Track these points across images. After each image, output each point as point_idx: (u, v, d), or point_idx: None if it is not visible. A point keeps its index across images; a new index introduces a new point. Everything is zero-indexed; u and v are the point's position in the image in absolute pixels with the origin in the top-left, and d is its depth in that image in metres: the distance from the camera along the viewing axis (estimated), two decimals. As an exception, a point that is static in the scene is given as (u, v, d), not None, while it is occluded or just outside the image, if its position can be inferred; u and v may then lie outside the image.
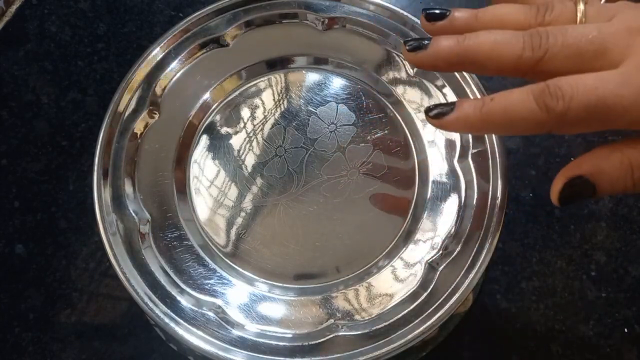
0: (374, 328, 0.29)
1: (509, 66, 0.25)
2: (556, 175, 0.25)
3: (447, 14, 0.28)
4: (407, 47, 0.27)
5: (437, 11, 0.28)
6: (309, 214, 0.32)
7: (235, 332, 0.29)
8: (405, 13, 0.36)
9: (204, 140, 0.34)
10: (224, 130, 0.34)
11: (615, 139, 0.24)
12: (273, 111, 0.35)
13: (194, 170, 0.34)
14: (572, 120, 0.23)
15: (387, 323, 0.29)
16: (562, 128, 0.24)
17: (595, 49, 0.24)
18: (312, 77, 0.36)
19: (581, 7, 0.26)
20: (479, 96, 0.33)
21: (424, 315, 0.29)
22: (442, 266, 0.30)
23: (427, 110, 0.26)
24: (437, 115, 0.26)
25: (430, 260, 0.31)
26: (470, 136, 0.33)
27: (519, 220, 0.40)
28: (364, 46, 0.36)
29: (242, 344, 0.29)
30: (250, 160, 0.34)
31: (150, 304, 0.29)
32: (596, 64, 0.24)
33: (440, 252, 0.31)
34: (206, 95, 0.35)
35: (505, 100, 0.24)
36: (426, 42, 0.26)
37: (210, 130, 0.34)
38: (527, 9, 0.27)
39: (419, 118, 0.34)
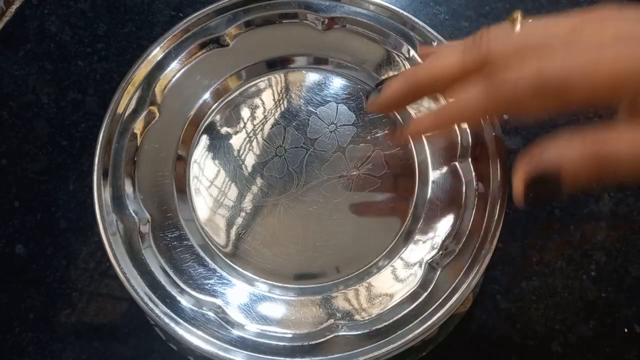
0: (374, 328, 0.29)
1: (456, 72, 0.26)
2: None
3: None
4: (369, 99, 0.30)
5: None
6: (309, 214, 0.32)
7: (235, 332, 0.29)
8: (405, 13, 0.36)
9: (204, 140, 0.34)
10: (224, 130, 0.34)
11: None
12: (273, 111, 0.35)
13: (194, 170, 0.34)
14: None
15: (387, 323, 0.29)
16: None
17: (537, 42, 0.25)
18: (312, 77, 0.36)
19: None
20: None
21: (424, 315, 0.29)
22: (442, 266, 0.30)
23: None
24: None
25: (430, 260, 0.31)
26: (469, 137, 0.33)
27: (519, 220, 0.40)
28: (364, 46, 0.36)
29: (242, 344, 0.29)
30: (250, 160, 0.34)
31: (150, 304, 0.29)
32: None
33: (440, 252, 0.31)
34: (206, 95, 0.35)
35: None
36: (380, 87, 0.29)
37: (210, 130, 0.34)
38: (463, 43, 0.27)
39: (419, 118, 0.34)
